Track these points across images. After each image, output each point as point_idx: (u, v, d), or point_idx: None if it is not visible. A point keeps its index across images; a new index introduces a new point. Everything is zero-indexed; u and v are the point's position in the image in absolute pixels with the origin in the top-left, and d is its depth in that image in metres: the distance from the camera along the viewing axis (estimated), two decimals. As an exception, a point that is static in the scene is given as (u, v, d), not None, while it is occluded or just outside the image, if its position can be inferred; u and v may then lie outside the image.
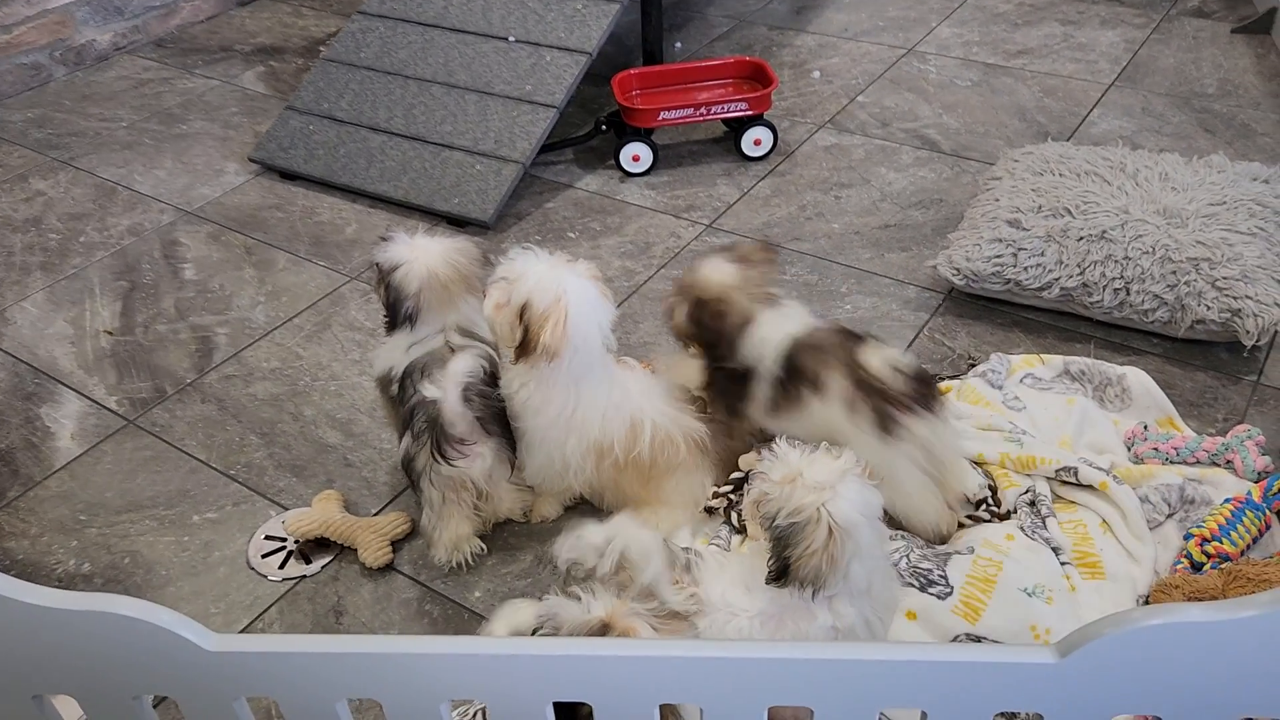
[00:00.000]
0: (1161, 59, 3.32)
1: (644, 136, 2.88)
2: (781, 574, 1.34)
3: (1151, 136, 2.92)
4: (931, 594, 1.60)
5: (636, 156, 2.88)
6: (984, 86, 3.24)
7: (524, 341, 1.65)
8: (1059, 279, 2.21)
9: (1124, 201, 2.32)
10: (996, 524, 1.76)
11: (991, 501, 1.82)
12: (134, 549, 1.92)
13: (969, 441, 1.91)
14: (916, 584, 1.61)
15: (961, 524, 1.80)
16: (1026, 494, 1.81)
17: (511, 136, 2.77)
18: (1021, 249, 2.24)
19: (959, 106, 3.14)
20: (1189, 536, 1.69)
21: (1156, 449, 1.89)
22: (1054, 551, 1.69)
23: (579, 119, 3.11)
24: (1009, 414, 1.97)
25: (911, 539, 1.71)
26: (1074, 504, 1.81)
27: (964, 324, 2.31)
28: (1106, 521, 1.77)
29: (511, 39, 2.95)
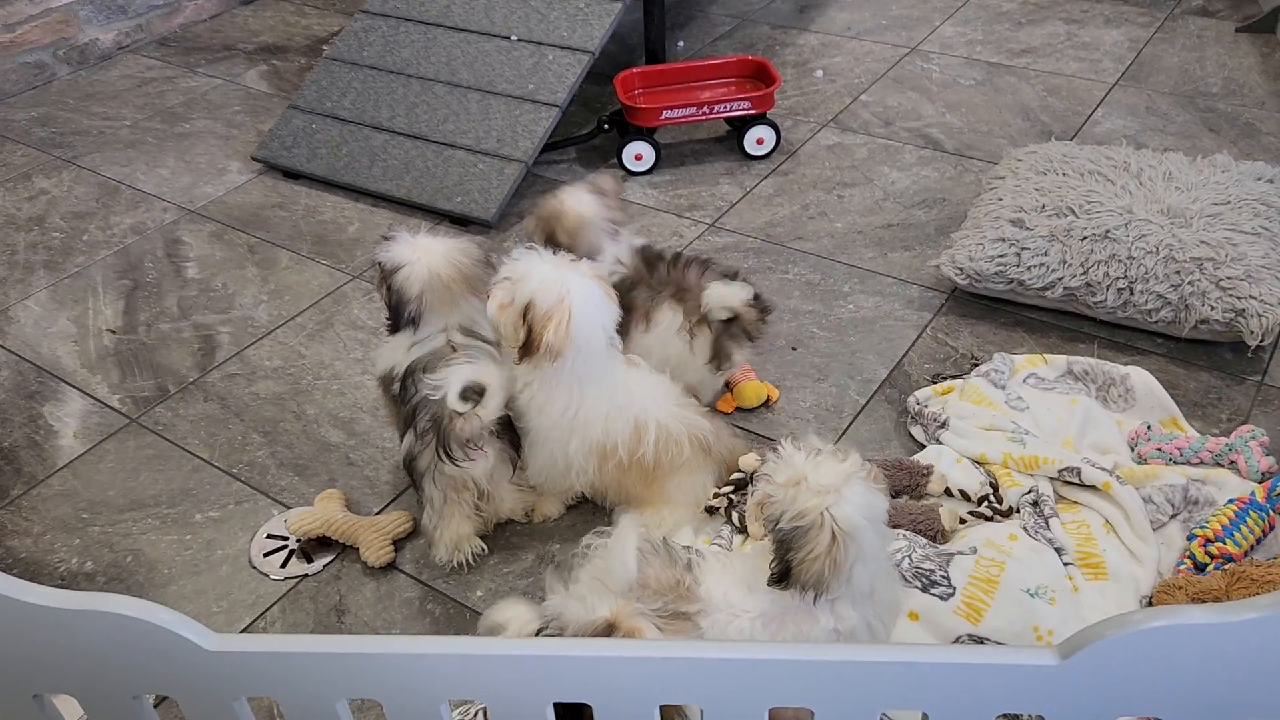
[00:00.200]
0: (1166, 58, 3.31)
1: (646, 135, 2.87)
2: (784, 577, 1.34)
3: (1155, 136, 2.91)
4: (934, 594, 1.59)
5: (639, 155, 2.88)
6: (987, 85, 3.23)
7: (527, 341, 1.65)
8: (1062, 279, 2.20)
9: (1128, 201, 2.31)
10: (999, 523, 1.76)
11: (993, 498, 1.82)
12: (136, 547, 1.92)
13: (972, 441, 1.91)
14: (919, 584, 1.61)
15: (963, 520, 1.80)
16: (1029, 494, 1.80)
17: (514, 135, 2.76)
18: (1025, 248, 2.24)
19: (962, 105, 3.14)
20: (1192, 537, 1.69)
21: (1160, 449, 1.88)
22: (1057, 552, 1.69)
23: (581, 118, 3.11)
24: (1012, 414, 1.97)
25: (914, 539, 1.70)
26: (1077, 504, 1.81)
27: (967, 323, 2.31)
28: (1110, 522, 1.76)
29: (514, 38, 2.95)
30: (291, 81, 3.54)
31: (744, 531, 1.79)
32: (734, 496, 1.82)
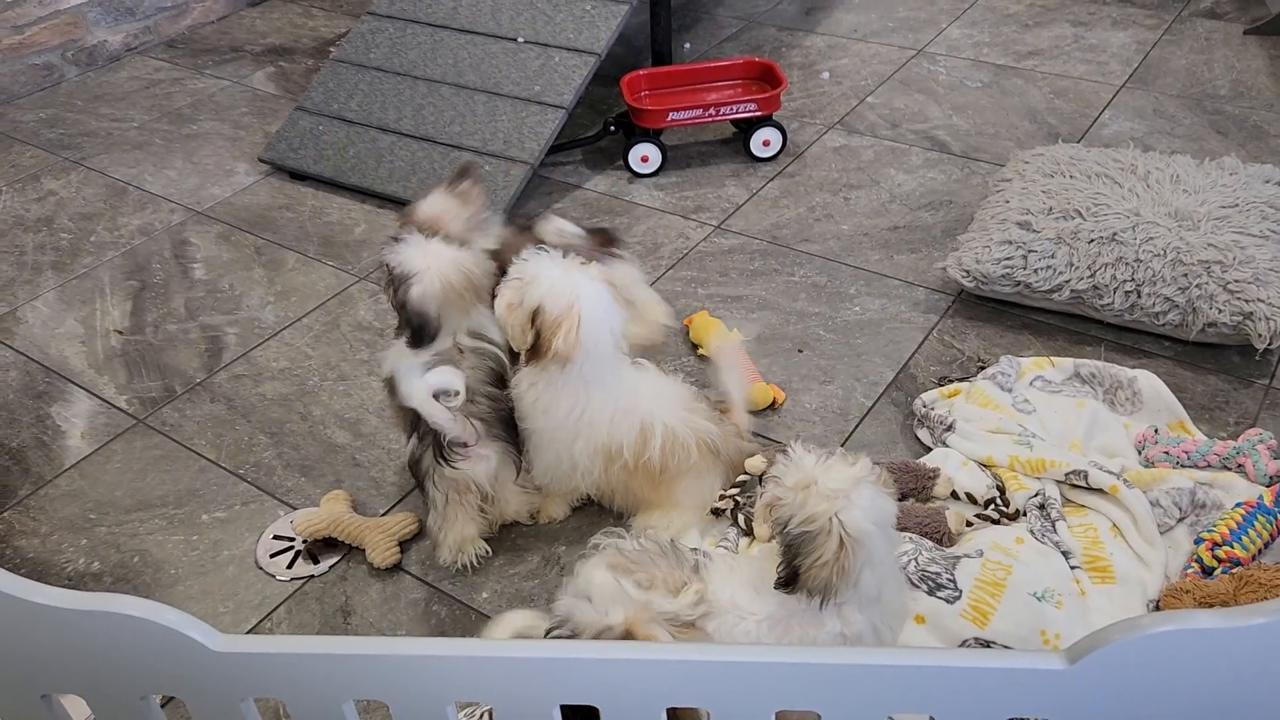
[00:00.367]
0: (1173, 60, 3.31)
1: (653, 137, 2.88)
2: (791, 580, 1.33)
3: (1163, 138, 2.91)
4: (940, 598, 1.59)
5: (645, 157, 2.88)
6: (994, 88, 3.23)
7: (535, 345, 1.65)
8: (1069, 281, 2.20)
9: (1135, 204, 2.31)
10: (1006, 526, 1.76)
11: (1000, 501, 1.81)
12: (143, 548, 1.93)
13: (978, 444, 1.91)
14: (925, 587, 1.60)
15: (969, 523, 1.79)
16: (1036, 497, 1.80)
17: (520, 137, 2.77)
18: (1032, 251, 2.23)
19: (969, 108, 3.13)
20: (1200, 541, 1.68)
21: (1167, 452, 1.88)
22: (1064, 555, 1.68)
23: (588, 120, 3.11)
24: (1019, 417, 1.97)
25: (920, 542, 1.70)
26: (1084, 508, 1.80)
27: (973, 326, 2.30)
28: (1117, 525, 1.76)
29: (520, 40, 2.95)
30: (298, 83, 3.55)
31: (749, 534, 1.78)
32: (740, 499, 1.82)
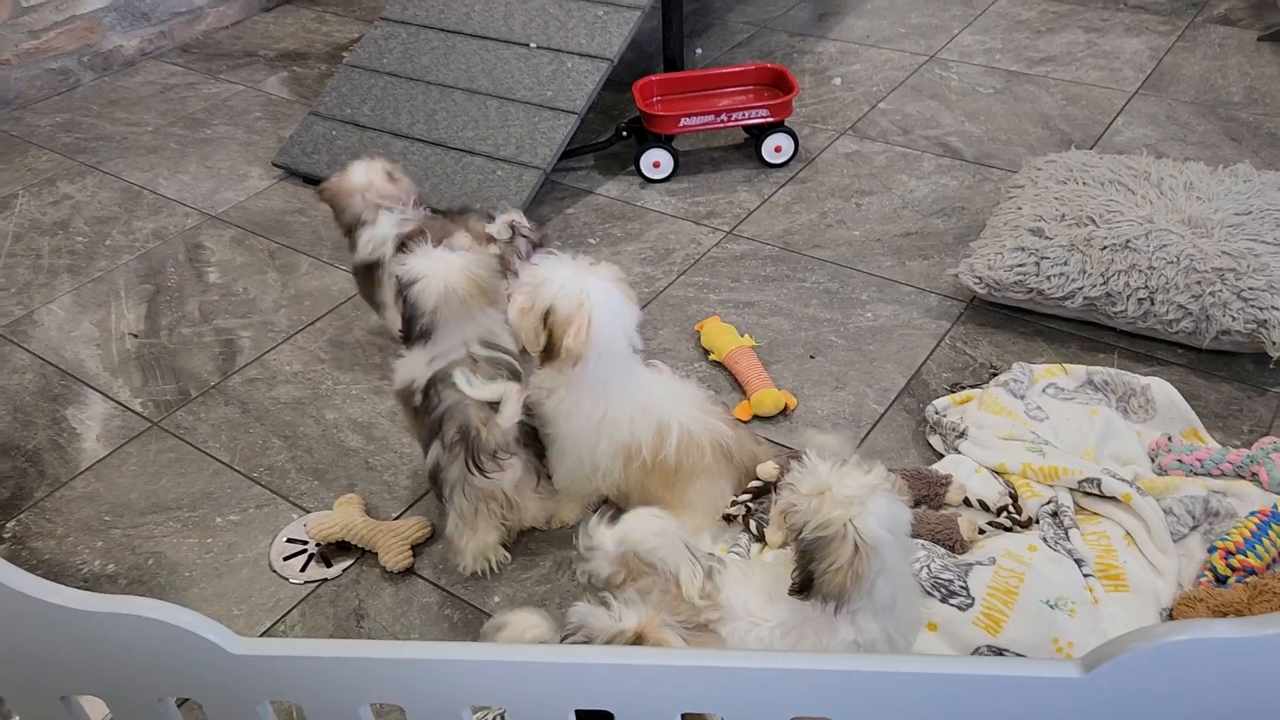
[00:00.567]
0: (1186, 67, 3.30)
1: (665, 143, 2.88)
2: (805, 587, 1.34)
3: (1176, 145, 2.90)
4: (953, 605, 1.59)
5: (657, 163, 2.89)
6: (1006, 94, 3.23)
7: (548, 346, 1.65)
8: (1082, 288, 2.19)
9: (1148, 211, 2.30)
10: (1018, 534, 1.76)
11: (1012, 509, 1.81)
12: (158, 550, 1.94)
13: (991, 451, 1.91)
14: (938, 595, 1.60)
15: (982, 530, 1.79)
16: (1049, 505, 1.79)
17: (533, 142, 2.78)
18: (1044, 258, 2.23)
19: (981, 114, 3.13)
20: (1213, 549, 1.68)
21: (1181, 460, 1.87)
22: (1077, 563, 1.68)
23: (600, 125, 3.12)
24: (1031, 424, 1.96)
25: (932, 549, 1.70)
26: (1097, 515, 1.80)
27: (986, 333, 2.30)
28: (1130, 533, 1.75)
29: (533, 45, 2.96)
30: (312, 88, 3.57)
31: (762, 540, 1.78)
32: (752, 505, 1.82)
